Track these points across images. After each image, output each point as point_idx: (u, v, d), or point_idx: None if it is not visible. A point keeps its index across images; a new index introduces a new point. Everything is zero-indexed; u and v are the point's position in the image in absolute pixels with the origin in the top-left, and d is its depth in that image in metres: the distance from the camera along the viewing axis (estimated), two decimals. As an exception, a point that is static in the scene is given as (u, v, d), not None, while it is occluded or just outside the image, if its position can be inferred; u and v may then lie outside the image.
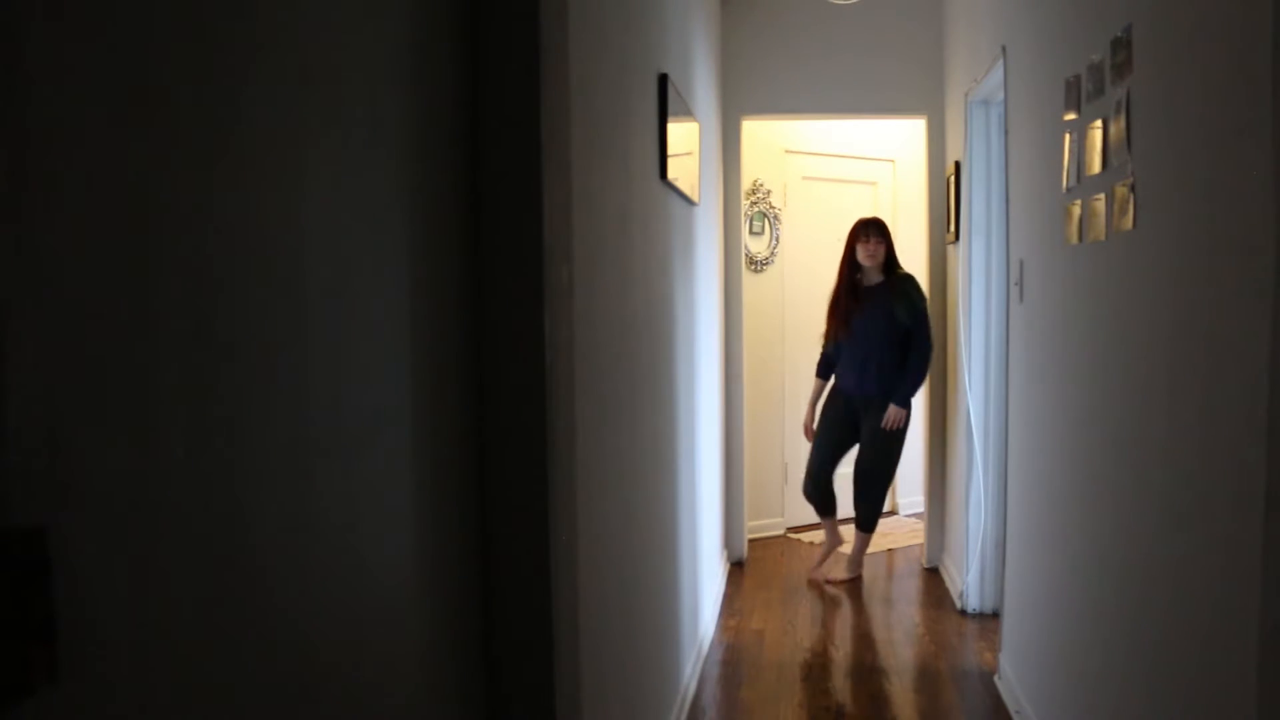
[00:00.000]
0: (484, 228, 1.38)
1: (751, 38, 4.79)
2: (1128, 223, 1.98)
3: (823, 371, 4.70)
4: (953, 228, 4.31)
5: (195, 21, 0.76)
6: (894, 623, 4.10)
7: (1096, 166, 2.18)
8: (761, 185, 5.52)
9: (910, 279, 4.49)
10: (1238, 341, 1.50)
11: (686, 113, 3.12)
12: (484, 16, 1.37)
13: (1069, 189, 2.43)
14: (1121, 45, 2.00)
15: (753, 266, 5.47)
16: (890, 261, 4.50)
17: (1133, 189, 1.95)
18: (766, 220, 5.57)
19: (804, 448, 4.91)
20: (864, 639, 3.92)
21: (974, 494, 4.01)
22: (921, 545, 5.06)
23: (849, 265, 4.52)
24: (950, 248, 4.50)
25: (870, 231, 4.46)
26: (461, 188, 1.35)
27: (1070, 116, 2.41)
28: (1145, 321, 1.92)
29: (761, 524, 5.48)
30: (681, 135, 2.99)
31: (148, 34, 0.71)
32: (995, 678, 3.38)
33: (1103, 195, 2.15)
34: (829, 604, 4.40)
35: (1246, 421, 1.46)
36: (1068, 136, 2.42)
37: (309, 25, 0.94)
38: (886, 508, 6.02)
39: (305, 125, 0.93)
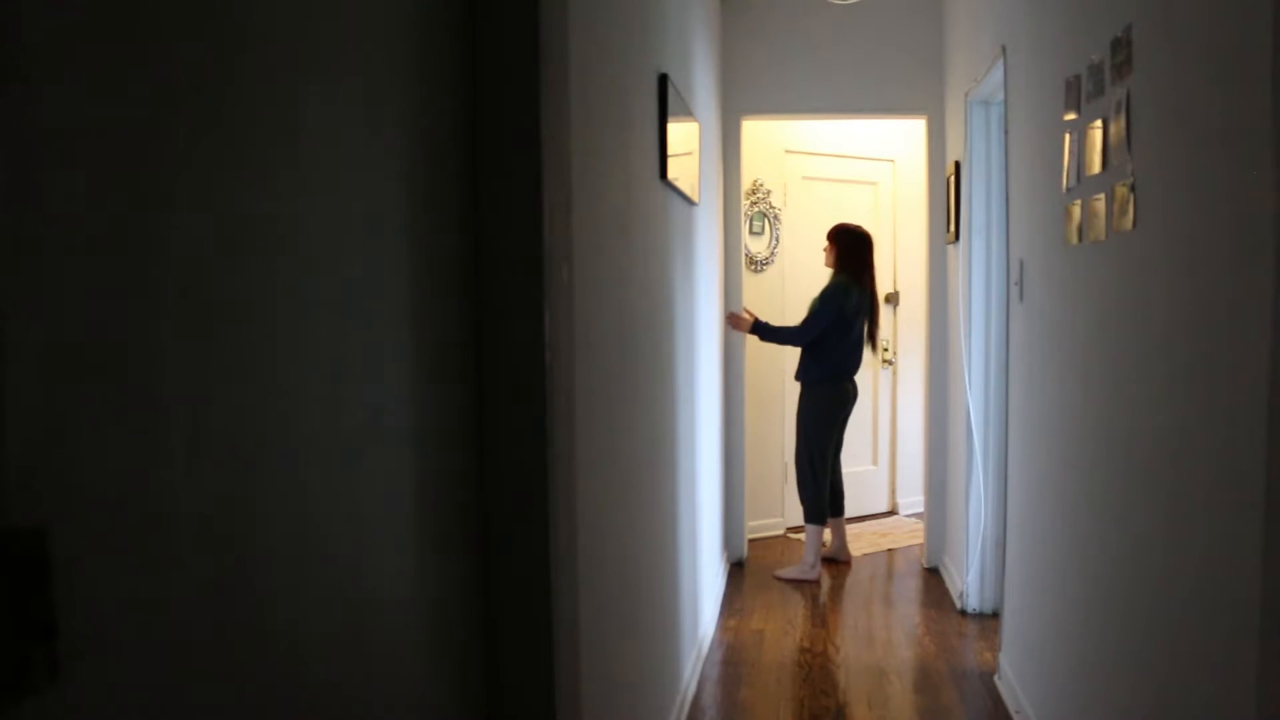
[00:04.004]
0: (484, 228, 1.38)
1: (751, 38, 4.79)
2: (1128, 223, 1.98)
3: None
4: (953, 228, 4.31)
5: (195, 20, 0.76)
6: (894, 623, 4.11)
7: (1096, 166, 2.18)
8: (761, 185, 5.52)
9: (832, 283, 4.75)
10: (1238, 341, 1.50)
11: (686, 113, 3.12)
12: (484, 16, 1.37)
13: (1069, 189, 2.43)
14: (1121, 45, 2.00)
15: (753, 266, 5.47)
16: (839, 264, 4.76)
17: (1133, 189, 1.95)
18: (766, 220, 5.57)
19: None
20: (864, 639, 3.92)
21: (974, 494, 4.01)
22: (921, 545, 5.06)
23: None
24: (950, 248, 4.50)
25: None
26: (461, 187, 1.35)
27: (1070, 116, 2.41)
28: (1145, 321, 1.92)
29: (761, 524, 5.48)
30: (681, 135, 2.99)
31: (147, 32, 0.71)
32: (995, 678, 3.38)
33: (1103, 195, 2.15)
34: (829, 604, 4.40)
35: (1246, 421, 1.46)
36: (1068, 136, 2.42)
37: (308, 25, 0.94)
38: (885, 507, 6.07)
39: (304, 125, 0.93)
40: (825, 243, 4.81)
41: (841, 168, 5.84)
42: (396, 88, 1.14)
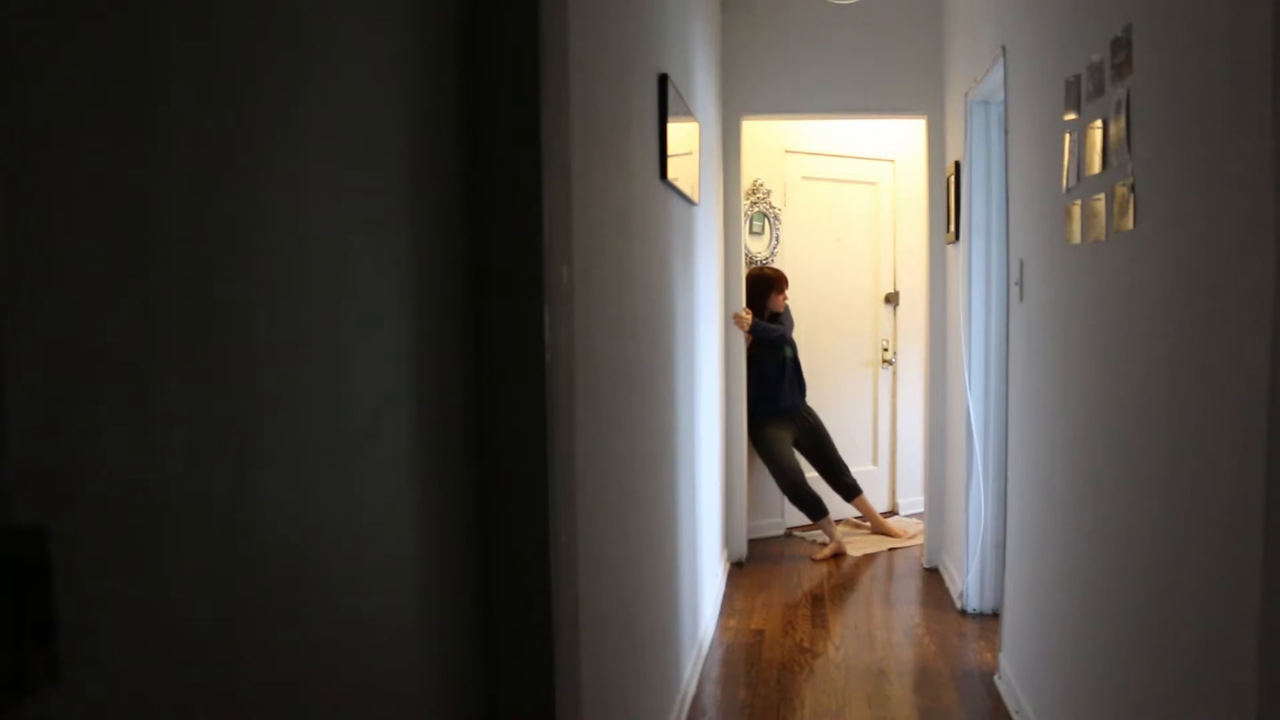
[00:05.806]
0: (484, 228, 1.38)
1: (751, 38, 4.79)
2: (1128, 223, 1.98)
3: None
4: (953, 228, 4.31)
5: (196, 22, 0.76)
6: (894, 623, 4.11)
7: (1096, 166, 2.18)
8: (761, 185, 5.52)
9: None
10: (1237, 341, 1.50)
11: (686, 113, 3.12)
12: (484, 17, 1.37)
13: (1069, 189, 2.43)
14: (1121, 45, 2.00)
15: (753, 266, 5.47)
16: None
17: (1133, 189, 1.95)
18: (766, 220, 5.57)
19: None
20: (864, 639, 3.92)
21: (974, 494, 4.01)
22: (921, 545, 5.06)
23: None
24: (950, 248, 4.50)
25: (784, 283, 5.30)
26: (461, 188, 1.35)
27: (1070, 116, 2.41)
28: (1145, 321, 1.92)
29: (761, 524, 5.48)
30: (681, 135, 2.99)
31: (148, 34, 0.71)
32: (995, 678, 3.38)
33: (1103, 195, 2.15)
34: (829, 604, 4.40)
35: (1246, 421, 1.46)
36: (1068, 136, 2.42)
37: (309, 25, 0.94)
38: (885, 507, 6.07)
39: (305, 125, 0.93)
40: (785, 288, 5.27)
41: (841, 168, 5.84)
42: (396, 89, 1.14)
